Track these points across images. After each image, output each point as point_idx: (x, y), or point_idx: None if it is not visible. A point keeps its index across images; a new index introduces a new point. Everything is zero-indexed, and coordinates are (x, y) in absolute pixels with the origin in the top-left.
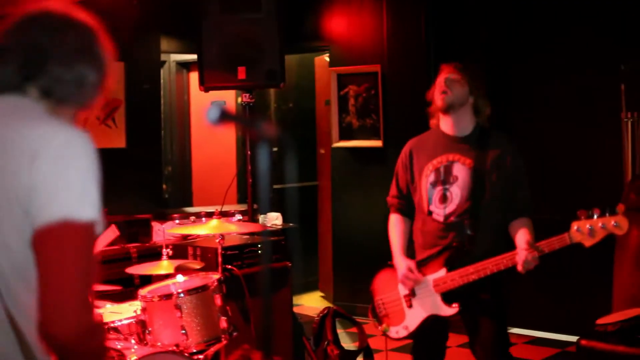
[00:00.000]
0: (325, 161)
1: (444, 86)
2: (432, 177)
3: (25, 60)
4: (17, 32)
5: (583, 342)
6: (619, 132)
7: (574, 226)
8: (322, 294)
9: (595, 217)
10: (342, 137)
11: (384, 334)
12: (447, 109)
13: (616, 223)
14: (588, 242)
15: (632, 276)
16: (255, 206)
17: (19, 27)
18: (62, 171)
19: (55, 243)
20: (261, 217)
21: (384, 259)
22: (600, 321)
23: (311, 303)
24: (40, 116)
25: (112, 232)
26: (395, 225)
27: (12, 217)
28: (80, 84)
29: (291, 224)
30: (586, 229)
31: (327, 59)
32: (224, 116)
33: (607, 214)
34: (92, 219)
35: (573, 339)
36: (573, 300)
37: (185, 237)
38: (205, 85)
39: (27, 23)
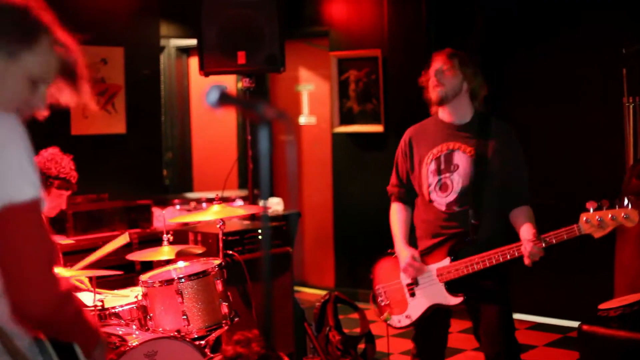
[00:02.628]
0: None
1: (435, 80)
2: (432, 166)
3: None
4: None
5: (585, 327)
6: (620, 116)
7: (583, 217)
8: None
9: (604, 208)
10: (343, 122)
11: (386, 322)
12: (442, 102)
13: (626, 215)
14: (597, 234)
15: (633, 261)
16: (256, 191)
17: None
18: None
19: (4, 228)
20: (261, 203)
21: (386, 244)
22: (602, 306)
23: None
24: None
25: (124, 239)
26: (397, 213)
27: None
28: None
29: (293, 210)
30: (596, 221)
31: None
32: (224, 99)
33: (617, 206)
34: (33, 196)
35: (574, 324)
36: (574, 286)
37: (186, 223)
38: (205, 70)
39: None
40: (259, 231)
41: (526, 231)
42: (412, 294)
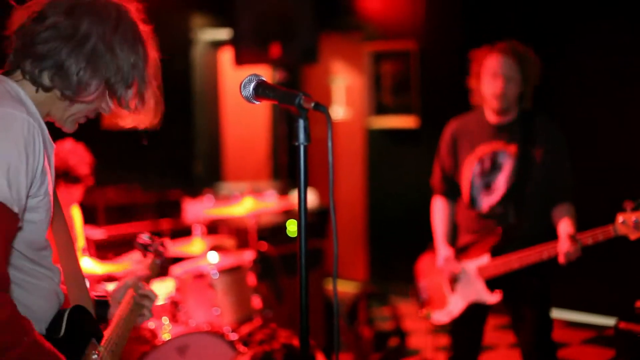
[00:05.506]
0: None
1: (502, 86)
2: (476, 168)
3: (20, 42)
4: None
5: (622, 324)
6: None
7: (620, 218)
8: None
9: None
10: (378, 114)
11: (427, 318)
12: (502, 112)
13: None
14: (633, 235)
15: None
16: (289, 184)
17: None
18: None
19: None
20: (293, 194)
21: (419, 239)
22: None
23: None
24: None
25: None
26: (439, 210)
27: None
28: (59, 71)
29: (329, 205)
30: (632, 222)
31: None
32: (261, 89)
33: None
34: None
35: (611, 321)
36: (611, 281)
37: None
38: (240, 62)
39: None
40: (287, 226)
41: (563, 230)
42: (453, 291)
